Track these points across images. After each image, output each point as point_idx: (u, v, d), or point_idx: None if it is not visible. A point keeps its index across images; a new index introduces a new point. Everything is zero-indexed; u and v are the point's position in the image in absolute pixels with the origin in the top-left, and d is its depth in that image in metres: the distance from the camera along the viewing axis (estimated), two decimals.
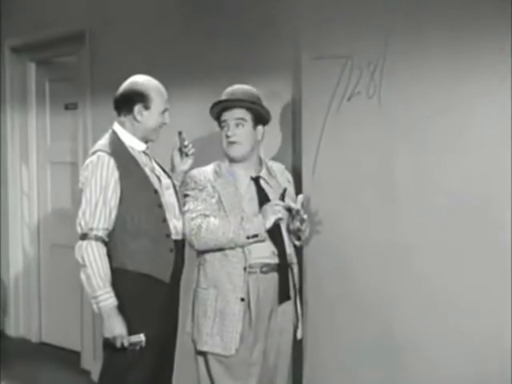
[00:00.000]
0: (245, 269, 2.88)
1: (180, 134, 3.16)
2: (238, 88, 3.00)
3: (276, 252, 2.93)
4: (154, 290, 2.92)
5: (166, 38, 4.05)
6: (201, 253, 2.98)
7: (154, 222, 2.95)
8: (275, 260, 2.93)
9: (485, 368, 2.58)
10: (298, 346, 3.15)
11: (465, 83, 2.61)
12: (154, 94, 2.98)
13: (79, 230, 2.88)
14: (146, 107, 2.97)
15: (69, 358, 5.02)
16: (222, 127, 3.00)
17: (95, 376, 3.99)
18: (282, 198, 2.92)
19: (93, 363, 4.54)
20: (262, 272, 2.91)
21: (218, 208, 2.93)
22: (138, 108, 2.97)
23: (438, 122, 2.70)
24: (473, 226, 2.61)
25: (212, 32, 3.78)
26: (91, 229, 2.85)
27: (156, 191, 2.97)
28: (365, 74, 2.88)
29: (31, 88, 5.58)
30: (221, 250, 2.91)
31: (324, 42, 3.04)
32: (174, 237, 2.98)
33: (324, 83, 3.02)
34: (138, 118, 2.97)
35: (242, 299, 2.87)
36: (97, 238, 2.84)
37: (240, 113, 2.95)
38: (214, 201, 2.94)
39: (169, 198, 3.04)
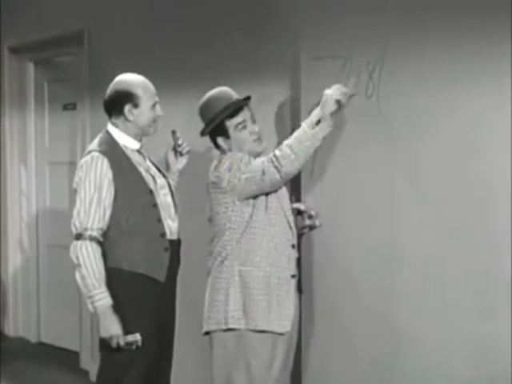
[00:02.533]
0: (293, 246, 2.94)
1: (174, 133, 3.16)
2: (227, 89, 3.01)
3: (296, 246, 2.99)
4: (149, 289, 2.93)
5: (165, 39, 4.06)
6: (245, 227, 2.88)
7: (148, 222, 2.96)
8: (296, 254, 3.00)
9: (485, 367, 2.59)
10: (296, 345, 3.16)
11: (464, 83, 2.61)
12: (141, 91, 2.98)
13: (74, 230, 2.89)
14: (135, 105, 2.98)
15: (67, 358, 5.02)
16: (238, 129, 2.94)
17: (94, 376, 3.99)
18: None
19: (91, 363, 4.54)
20: None
21: None
22: (127, 108, 2.98)
23: (436, 122, 2.70)
24: (472, 225, 2.61)
25: (211, 32, 3.78)
26: (86, 229, 2.86)
27: (151, 191, 2.98)
28: (363, 75, 2.89)
29: (30, 88, 5.59)
30: (271, 226, 2.88)
31: (323, 43, 3.04)
32: (168, 237, 2.99)
33: (323, 83, 3.02)
34: (130, 117, 2.98)
35: (293, 276, 2.93)
36: (91, 238, 2.85)
37: (250, 110, 2.99)
38: None
39: (164, 197, 3.05)
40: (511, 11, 2.46)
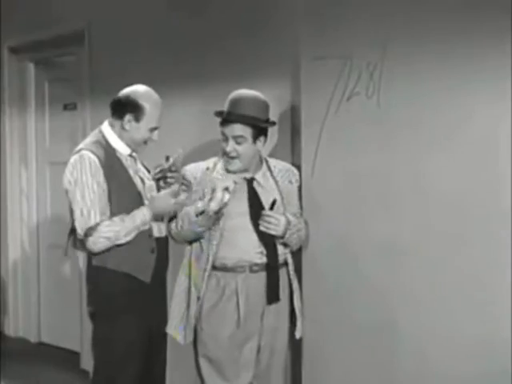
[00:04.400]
0: (204, 270, 2.92)
1: (167, 159, 3.09)
2: (242, 98, 2.93)
3: (264, 252, 2.93)
4: (134, 289, 2.94)
5: (165, 40, 4.05)
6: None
7: None
8: (264, 260, 2.94)
9: (485, 366, 2.59)
10: (297, 345, 3.16)
11: (464, 83, 2.61)
12: (149, 110, 2.96)
13: (80, 230, 2.88)
14: (137, 119, 2.96)
15: (68, 358, 5.01)
16: (222, 139, 2.96)
17: None
18: (271, 208, 2.91)
19: (91, 363, 4.54)
20: (251, 271, 2.93)
21: None
22: (128, 117, 2.97)
23: (437, 121, 2.70)
24: (472, 224, 2.61)
25: (211, 32, 3.78)
26: (91, 228, 2.86)
27: (139, 193, 2.98)
28: (364, 75, 2.89)
29: (30, 88, 5.58)
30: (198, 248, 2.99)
31: (323, 43, 3.04)
32: (157, 234, 3.00)
33: (323, 83, 3.03)
34: (126, 127, 2.98)
35: (198, 298, 2.94)
36: (97, 225, 2.87)
37: (239, 129, 2.89)
38: (195, 197, 2.97)
39: None
40: (511, 13, 2.46)
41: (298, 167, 3.17)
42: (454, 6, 2.62)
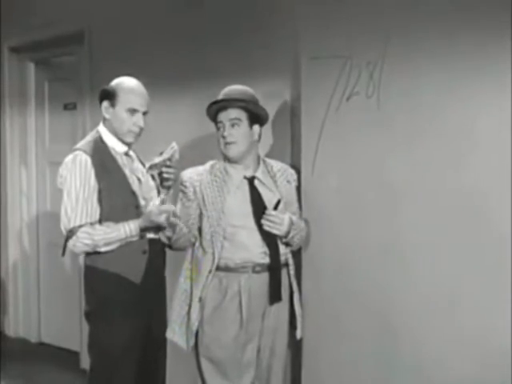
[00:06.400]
0: (210, 271, 2.92)
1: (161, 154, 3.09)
2: (234, 88, 3.01)
3: (268, 252, 2.94)
4: (127, 289, 2.93)
5: (165, 38, 4.05)
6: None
7: None
8: (267, 260, 2.94)
9: (485, 370, 2.58)
10: (297, 345, 3.15)
11: (464, 83, 2.61)
12: (122, 93, 2.98)
13: (63, 230, 2.90)
14: (112, 105, 2.99)
15: (68, 358, 5.02)
16: (218, 128, 3.00)
17: None
18: (275, 208, 2.91)
19: None
20: (254, 272, 2.92)
21: (201, 207, 2.96)
22: (105, 104, 3.01)
23: (436, 121, 2.70)
24: (472, 224, 2.61)
25: (212, 32, 3.78)
26: (72, 230, 2.87)
27: (133, 192, 2.97)
28: (364, 74, 2.89)
29: (30, 88, 5.58)
30: (200, 250, 2.99)
31: (323, 42, 3.04)
32: (151, 235, 2.99)
33: (323, 83, 3.02)
34: (106, 115, 3.01)
35: (200, 299, 2.93)
36: (80, 226, 2.87)
37: (235, 113, 2.96)
38: (193, 204, 2.98)
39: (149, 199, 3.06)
40: (511, 9, 2.46)
41: (298, 167, 3.17)
42: (454, 4, 2.62)
